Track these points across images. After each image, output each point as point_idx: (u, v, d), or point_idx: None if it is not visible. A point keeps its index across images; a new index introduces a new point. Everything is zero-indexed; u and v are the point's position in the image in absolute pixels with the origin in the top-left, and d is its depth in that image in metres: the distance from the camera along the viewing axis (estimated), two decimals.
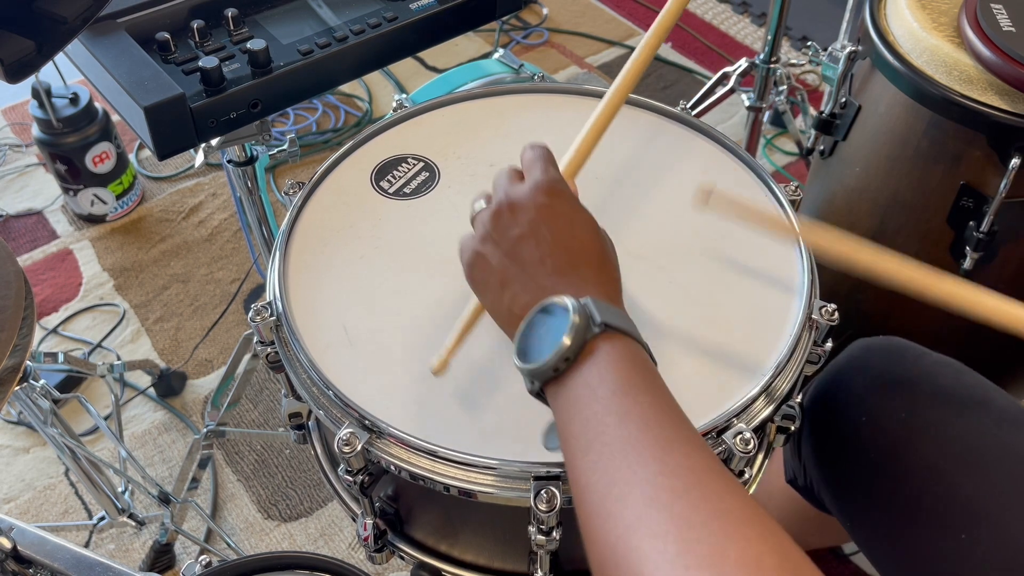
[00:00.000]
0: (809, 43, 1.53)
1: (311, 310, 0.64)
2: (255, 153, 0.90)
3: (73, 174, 1.62)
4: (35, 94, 1.54)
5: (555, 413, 0.47)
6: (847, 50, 0.99)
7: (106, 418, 1.36)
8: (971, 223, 0.89)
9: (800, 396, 0.69)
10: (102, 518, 1.15)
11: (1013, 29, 0.81)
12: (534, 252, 0.51)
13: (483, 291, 0.55)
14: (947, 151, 0.88)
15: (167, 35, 0.73)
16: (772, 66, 1.46)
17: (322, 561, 0.67)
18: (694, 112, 0.80)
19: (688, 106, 0.80)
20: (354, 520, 0.68)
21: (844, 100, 1.01)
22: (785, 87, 1.50)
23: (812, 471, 0.75)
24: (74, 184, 1.64)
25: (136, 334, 1.52)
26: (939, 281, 0.56)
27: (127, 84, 0.67)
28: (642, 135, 0.78)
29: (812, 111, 1.73)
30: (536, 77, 1.07)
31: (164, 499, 1.16)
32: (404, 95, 0.90)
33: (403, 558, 0.68)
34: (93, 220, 1.71)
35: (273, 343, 0.64)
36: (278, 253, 0.67)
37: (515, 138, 0.78)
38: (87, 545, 1.23)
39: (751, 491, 0.69)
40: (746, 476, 0.58)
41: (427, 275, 0.67)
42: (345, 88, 1.98)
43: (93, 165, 1.61)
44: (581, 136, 0.65)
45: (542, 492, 0.52)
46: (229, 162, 0.90)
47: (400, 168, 0.76)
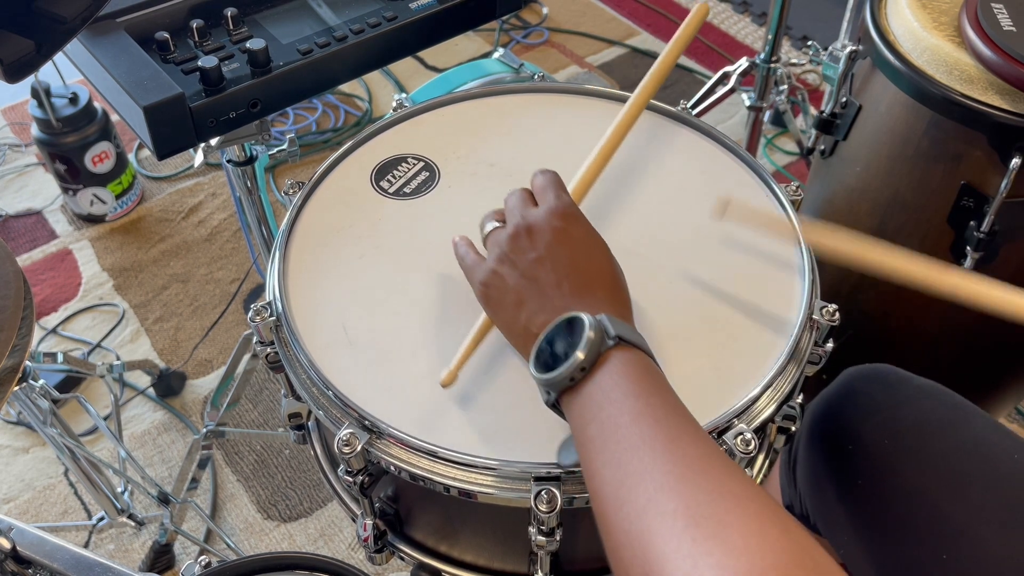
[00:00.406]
0: (809, 43, 1.53)
1: (311, 310, 0.64)
2: (255, 153, 0.90)
3: (72, 174, 1.62)
4: (34, 94, 1.54)
5: (571, 420, 0.49)
6: (848, 50, 0.99)
7: (105, 418, 1.36)
8: (971, 223, 0.88)
9: (800, 397, 0.69)
10: (101, 518, 1.15)
11: (1014, 29, 0.81)
12: (551, 274, 0.54)
13: (497, 309, 0.57)
14: (947, 151, 0.88)
15: (166, 35, 0.73)
16: (772, 66, 1.46)
17: (322, 561, 0.67)
18: (694, 112, 0.80)
19: (688, 106, 0.80)
20: (354, 521, 0.68)
21: (844, 100, 1.01)
22: (785, 87, 1.50)
23: (807, 498, 0.77)
24: (73, 184, 1.64)
25: (136, 334, 1.51)
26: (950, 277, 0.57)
27: (126, 84, 0.67)
28: (642, 135, 0.78)
29: (812, 111, 1.73)
30: (536, 77, 1.07)
31: (164, 499, 1.16)
32: (404, 95, 0.90)
33: (403, 559, 0.68)
34: (92, 220, 1.71)
35: (273, 343, 0.64)
36: (278, 253, 0.67)
37: (515, 138, 0.78)
38: (87, 545, 1.23)
39: None
40: None
41: (427, 275, 0.66)
42: (345, 88, 1.98)
43: (92, 165, 1.61)
44: (589, 159, 0.67)
45: (542, 493, 0.52)
46: (229, 162, 0.90)
47: (400, 168, 0.75)
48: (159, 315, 1.54)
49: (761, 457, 0.71)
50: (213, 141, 0.82)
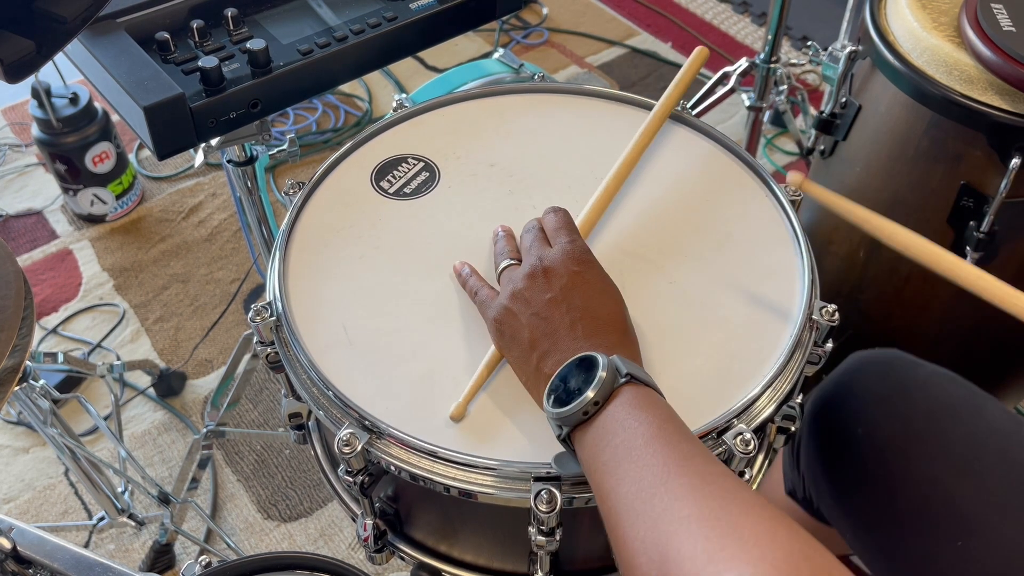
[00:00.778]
0: (809, 43, 1.53)
1: (311, 310, 0.64)
2: (255, 153, 0.90)
3: (73, 174, 1.62)
4: (35, 94, 1.54)
5: (583, 453, 0.50)
6: (847, 50, 0.99)
7: (106, 418, 1.36)
8: (971, 223, 0.88)
9: (800, 397, 0.69)
10: (102, 518, 1.15)
11: (1013, 29, 0.81)
12: (565, 316, 0.55)
13: (509, 346, 0.58)
14: (947, 151, 0.88)
15: (167, 35, 0.73)
16: (772, 66, 1.46)
17: (322, 561, 0.67)
18: (694, 112, 0.80)
19: (688, 106, 0.80)
20: (354, 520, 0.68)
21: (844, 100, 1.01)
22: (785, 87, 1.50)
23: (811, 483, 0.76)
24: (74, 184, 1.64)
25: (136, 334, 1.52)
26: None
27: (127, 84, 0.67)
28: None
29: (812, 111, 1.73)
30: (536, 77, 1.07)
31: (164, 499, 1.16)
32: (404, 95, 0.90)
33: (403, 558, 0.68)
34: (93, 220, 1.71)
35: (273, 343, 0.64)
36: (278, 253, 0.67)
37: (515, 138, 0.78)
38: (87, 545, 1.23)
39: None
40: (746, 477, 0.58)
41: (427, 275, 0.67)
42: (345, 88, 1.98)
43: (93, 165, 1.61)
44: (594, 198, 0.69)
45: (542, 492, 0.52)
46: (229, 162, 0.90)
47: (400, 168, 0.75)
48: (159, 315, 1.54)
49: (761, 457, 0.71)
50: (213, 141, 0.82)
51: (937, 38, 0.86)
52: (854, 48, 0.98)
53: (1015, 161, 0.81)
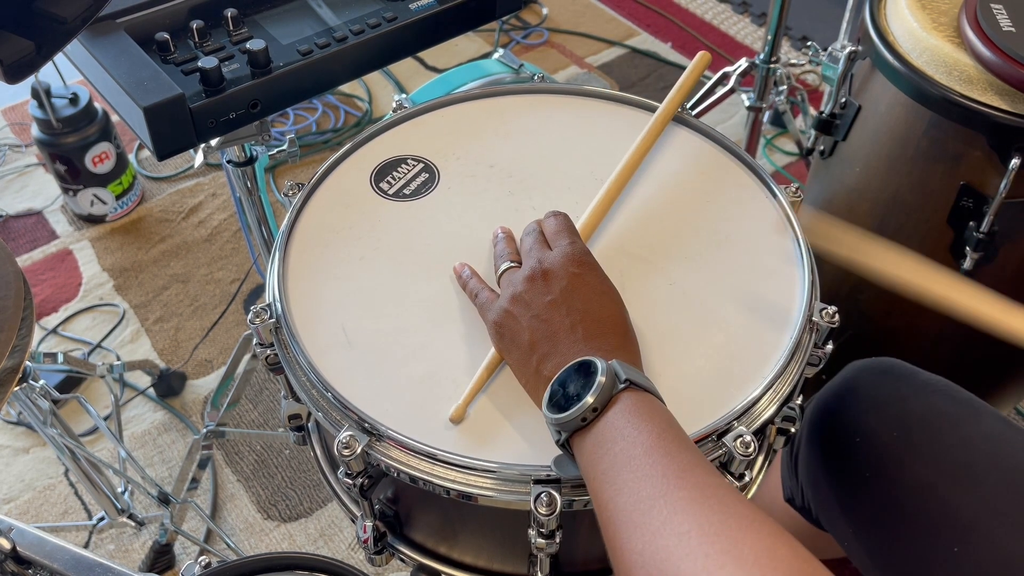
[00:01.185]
0: (809, 43, 1.53)
1: (310, 311, 0.64)
2: (255, 153, 0.90)
3: (73, 174, 1.62)
4: (35, 94, 1.54)
5: (582, 459, 0.50)
6: (847, 50, 0.99)
7: (106, 418, 1.36)
8: (971, 223, 0.88)
9: (800, 398, 0.69)
10: (102, 518, 1.15)
11: (1013, 29, 0.81)
12: (565, 319, 0.55)
13: (509, 348, 0.58)
14: (947, 151, 0.88)
15: (166, 35, 0.73)
16: (772, 66, 1.45)
17: (322, 562, 0.67)
18: (694, 112, 0.80)
19: (688, 106, 0.80)
20: (353, 522, 0.68)
21: (844, 100, 1.01)
22: (785, 87, 1.50)
23: (809, 491, 0.76)
24: (74, 184, 1.64)
25: (136, 334, 1.51)
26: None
27: (126, 84, 0.67)
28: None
29: (812, 111, 1.73)
30: (536, 77, 1.07)
31: (164, 499, 1.16)
32: (404, 95, 0.90)
33: (403, 560, 0.68)
34: (93, 220, 1.71)
35: (272, 345, 0.64)
36: (278, 254, 0.67)
37: (515, 139, 0.78)
38: (87, 546, 1.23)
39: (751, 492, 0.69)
40: (746, 479, 0.58)
41: (427, 277, 0.66)
42: (345, 88, 1.97)
43: (93, 165, 1.61)
44: (596, 201, 0.69)
45: (542, 495, 0.52)
46: (229, 162, 0.90)
47: (400, 169, 0.75)
48: (159, 315, 1.54)
49: (760, 459, 0.71)
50: (213, 142, 0.82)
51: (937, 38, 0.86)
52: (854, 48, 0.98)
53: (1015, 161, 0.81)
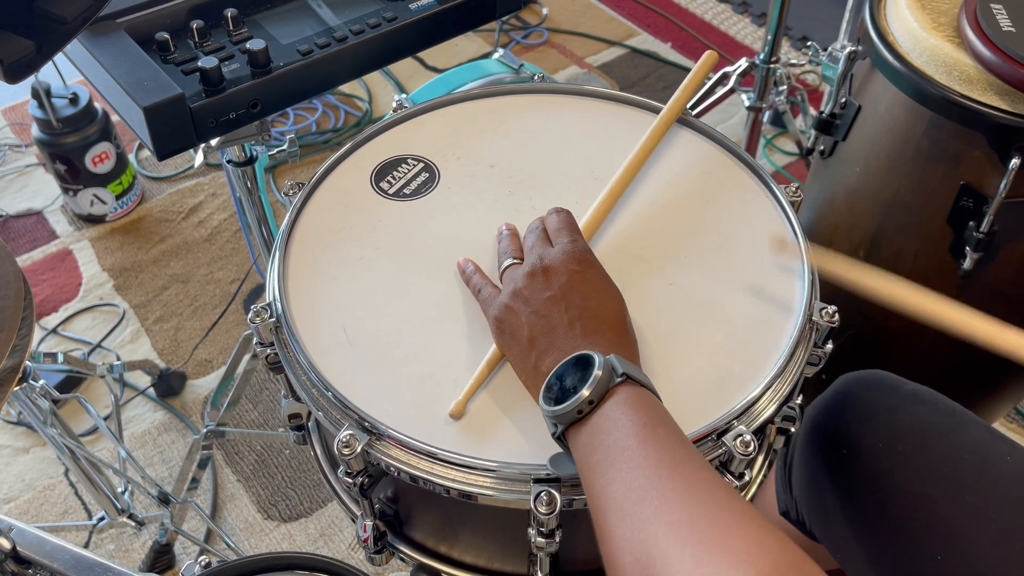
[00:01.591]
0: (809, 43, 1.53)
1: (311, 311, 0.64)
2: (255, 153, 0.90)
3: (73, 174, 1.62)
4: (35, 94, 1.54)
5: (577, 451, 0.50)
6: (847, 50, 0.99)
7: (106, 418, 1.36)
8: (971, 223, 0.88)
9: (800, 398, 0.69)
10: (102, 518, 1.15)
11: (1013, 29, 0.81)
12: (564, 315, 0.56)
13: (509, 344, 0.58)
14: (947, 151, 0.88)
15: (166, 35, 0.73)
16: (772, 66, 1.46)
17: (322, 562, 0.67)
18: (694, 112, 0.80)
19: (688, 106, 0.80)
20: (354, 521, 0.68)
21: (844, 100, 1.01)
22: (785, 87, 1.50)
23: (802, 505, 0.77)
24: (74, 184, 1.64)
25: (136, 334, 1.52)
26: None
27: (126, 84, 0.67)
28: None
29: (812, 111, 1.73)
30: (536, 77, 1.07)
31: (164, 499, 1.16)
32: (404, 95, 0.90)
33: (403, 559, 0.68)
34: (93, 220, 1.71)
35: (273, 344, 0.64)
36: (278, 253, 0.67)
37: (515, 138, 0.78)
38: (87, 545, 1.23)
39: (751, 493, 0.69)
40: (746, 478, 0.58)
41: (427, 276, 0.67)
42: (345, 88, 1.98)
43: (93, 165, 1.61)
44: (600, 199, 0.69)
45: (542, 494, 0.52)
46: (229, 162, 0.90)
47: (400, 169, 0.75)
48: (159, 315, 1.54)
49: (760, 458, 0.71)
50: (213, 141, 0.82)
51: (937, 38, 0.86)
52: (854, 48, 0.98)
53: (1015, 161, 0.81)
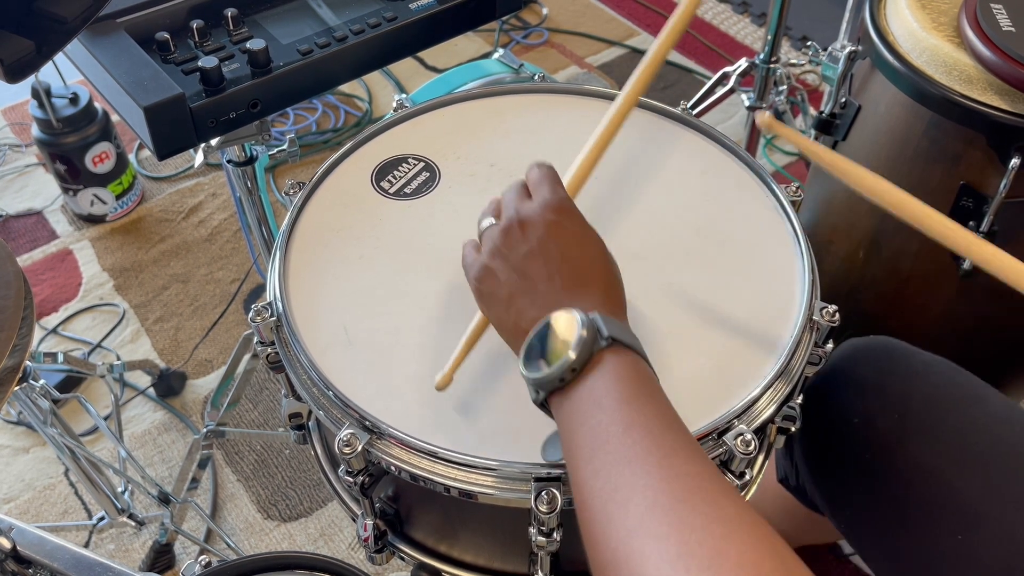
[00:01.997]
0: (809, 43, 1.53)
1: (311, 310, 0.64)
2: (255, 153, 0.90)
3: (73, 174, 1.62)
4: (35, 94, 1.53)
5: (559, 423, 0.47)
6: (847, 50, 0.99)
7: (106, 418, 1.36)
8: (971, 223, 0.88)
9: (800, 397, 0.69)
10: (102, 518, 1.15)
11: (1013, 29, 0.81)
12: (543, 268, 0.52)
13: (490, 305, 0.55)
14: (947, 151, 0.88)
15: (167, 35, 0.73)
16: (772, 66, 1.45)
17: (322, 561, 0.67)
18: (694, 112, 0.80)
19: (688, 106, 0.80)
20: (354, 521, 0.68)
21: (844, 100, 1.01)
22: (785, 87, 1.50)
23: (804, 473, 0.75)
24: (74, 184, 1.64)
25: (136, 334, 1.51)
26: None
27: (127, 84, 0.67)
28: (642, 135, 0.78)
29: (812, 111, 1.73)
30: (536, 77, 1.07)
31: (164, 499, 1.16)
32: (404, 95, 0.90)
33: (403, 559, 0.68)
34: (93, 220, 1.71)
35: (273, 343, 0.64)
36: (278, 253, 0.67)
37: (515, 138, 0.78)
38: (87, 545, 1.23)
39: (751, 492, 0.69)
40: (747, 477, 0.58)
41: (428, 275, 0.67)
42: (345, 88, 1.97)
43: (93, 165, 1.61)
44: (584, 153, 0.65)
45: (543, 493, 0.52)
46: (229, 162, 0.90)
47: (400, 168, 0.75)
48: (159, 315, 1.54)
49: (761, 458, 0.71)
50: (213, 141, 0.82)
51: (937, 38, 0.86)
52: (854, 48, 0.98)
53: (1015, 161, 0.81)
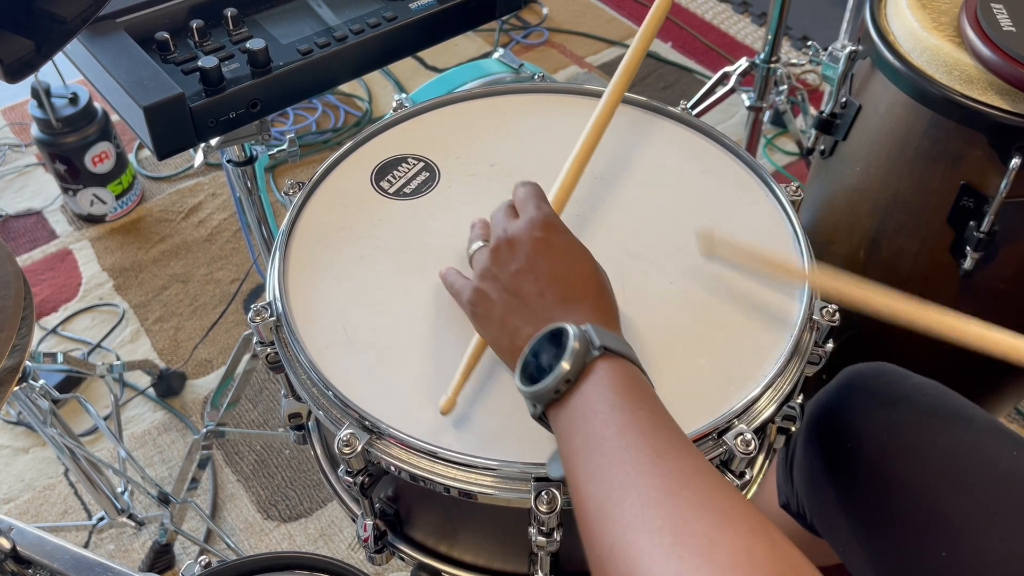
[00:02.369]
0: (809, 43, 1.53)
1: (311, 310, 0.64)
2: (255, 153, 0.90)
3: (73, 174, 1.62)
4: (35, 94, 1.54)
5: (557, 432, 0.48)
6: (847, 50, 0.99)
7: (106, 418, 1.36)
8: (971, 223, 0.88)
9: (800, 397, 0.69)
10: (101, 518, 1.15)
11: (1013, 29, 0.81)
12: (533, 286, 0.53)
13: (485, 326, 0.56)
14: (947, 151, 0.88)
15: (166, 35, 0.73)
16: (772, 66, 1.46)
17: (322, 561, 0.67)
18: (694, 112, 0.80)
19: (688, 106, 0.80)
20: (354, 521, 0.68)
21: (844, 100, 1.01)
22: (785, 87, 1.50)
23: (803, 497, 0.76)
24: (74, 184, 1.64)
25: (136, 334, 1.51)
26: (946, 319, 0.58)
27: (126, 84, 0.67)
28: (642, 135, 0.78)
29: (812, 111, 1.73)
30: (536, 77, 1.07)
31: (164, 499, 1.16)
32: (404, 95, 0.90)
33: (403, 559, 0.68)
34: (93, 220, 1.71)
35: (273, 343, 0.64)
36: (278, 253, 0.67)
37: (515, 138, 0.78)
38: (86, 545, 1.23)
39: (752, 491, 0.69)
40: (747, 477, 0.58)
41: (427, 275, 0.66)
42: (345, 88, 1.98)
43: (92, 165, 1.61)
44: (566, 167, 0.67)
45: (542, 493, 0.52)
46: (229, 162, 0.90)
47: (400, 168, 0.75)
48: (159, 315, 1.54)
49: (761, 457, 0.71)
50: (213, 141, 0.82)
51: (937, 38, 0.86)
52: (854, 48, 0.98)
53: (1015, 161, 0.81)
